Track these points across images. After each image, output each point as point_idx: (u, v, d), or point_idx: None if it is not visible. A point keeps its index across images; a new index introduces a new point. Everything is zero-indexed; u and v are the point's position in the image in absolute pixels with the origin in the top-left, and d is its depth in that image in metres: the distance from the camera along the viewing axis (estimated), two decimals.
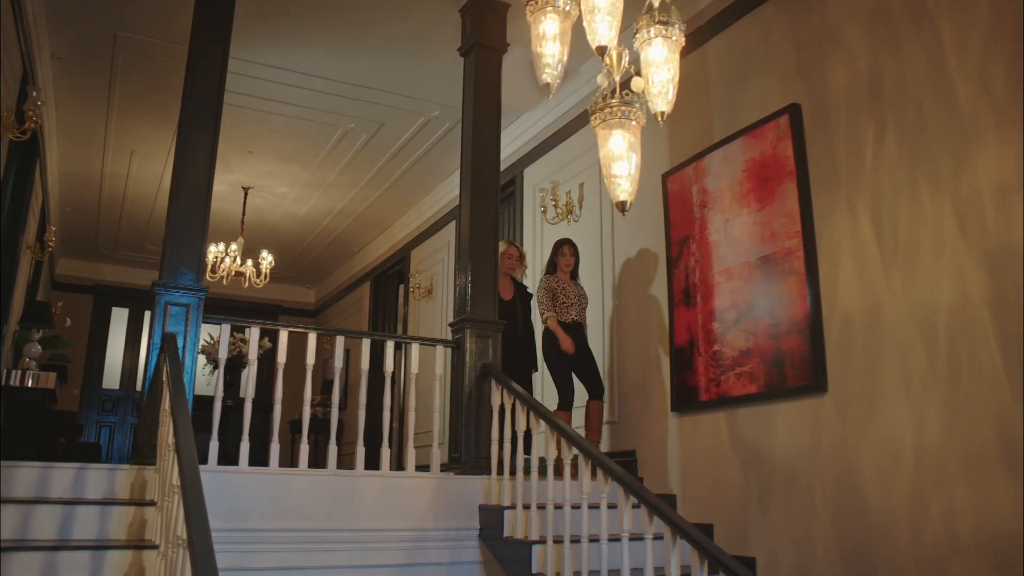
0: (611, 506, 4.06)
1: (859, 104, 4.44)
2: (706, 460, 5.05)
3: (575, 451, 4.18)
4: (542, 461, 5.12)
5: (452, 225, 8.91)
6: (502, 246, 5.89)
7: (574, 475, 4.23)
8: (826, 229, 4.51)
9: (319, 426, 9.90)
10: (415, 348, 5.22)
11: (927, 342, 3.90)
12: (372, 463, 4.91)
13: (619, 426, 5.84)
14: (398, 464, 5.48)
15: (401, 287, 10.97)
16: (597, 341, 6.27)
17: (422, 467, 5.08)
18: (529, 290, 6.42)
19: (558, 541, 4.26)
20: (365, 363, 5.02)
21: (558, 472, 4.73)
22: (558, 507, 4.35)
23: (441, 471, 5.03)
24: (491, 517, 4.78)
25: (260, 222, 10.59)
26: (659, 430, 5.45)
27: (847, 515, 4.15)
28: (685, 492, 5.13)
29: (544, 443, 4.44)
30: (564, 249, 6.00)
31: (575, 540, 4.15)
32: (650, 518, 3.61)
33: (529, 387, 5.92)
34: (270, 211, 10.38)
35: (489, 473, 4.91)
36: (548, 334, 5.79)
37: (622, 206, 3.00)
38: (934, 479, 3.78)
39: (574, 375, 5.82)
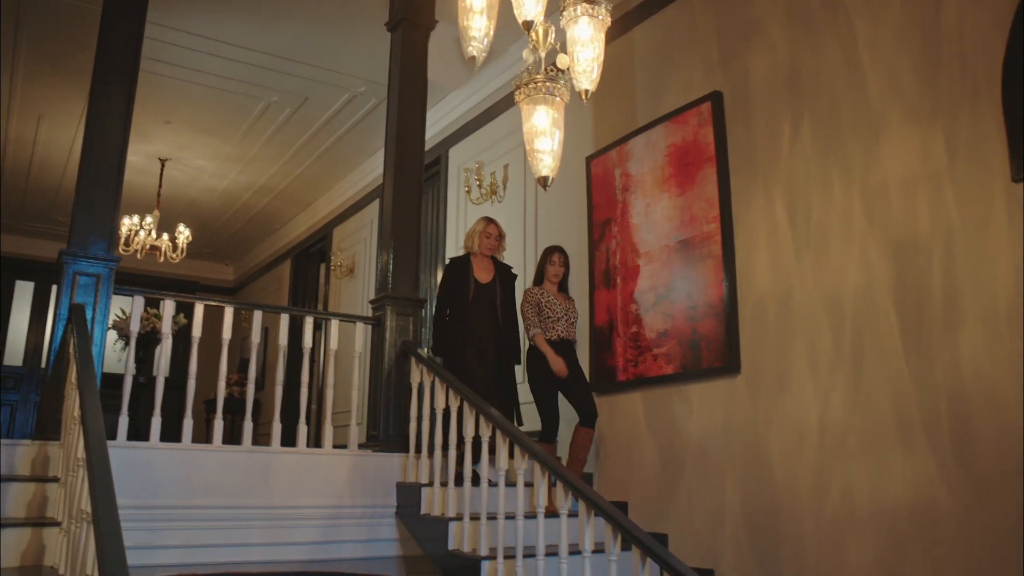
0: (528, 484, 4.10)
1: (778, 94, 4.56)
2: (622, 439, 5.14)
3: (493, 429, 4.21)
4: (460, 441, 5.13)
5: (376, 204, 8.83)
6: (479, 225, 5.45)
7: (493, 456, 4.25)
8: (743, 215, 4.63)
9: (235, 406, 9.72)
10: (335, 325, 5.16)
11: (834, 325, 4.05)
12: (289, 440, 4.85)
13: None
14: (316, 441, 5.41)
15: (323, 266, 10.83)
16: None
17: (340, 445, 5.05)
18: (514, 270, 5.66)
19: (475, 518, 4.29)
20: (284, 339, 4.95)
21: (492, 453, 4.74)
22: (476, 485, 4.39)
23: (359, 448, 5.01)
24: (408, 494, 4.78)
25: (177, 195, 10.29)
26: None
27: (754, 490, 4.29)
28: (602, 471, 5.22)
29: (463, 422, 4.44)
30: (553, 257, 5.31)
31: (492, 517, 4.19)
32: (566, 494, 3.66)
33: (512, 384, 5.26)
34: (188, 184, 10.10)
35: (407, 451, 4.91)
36: (533, 353, 5.13)
37: (544, 181, 3.02)
38: (836, 455, 3.94)
39: (562, 399, 5.15)
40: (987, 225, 3.54)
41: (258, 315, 4.94)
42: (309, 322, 5.04)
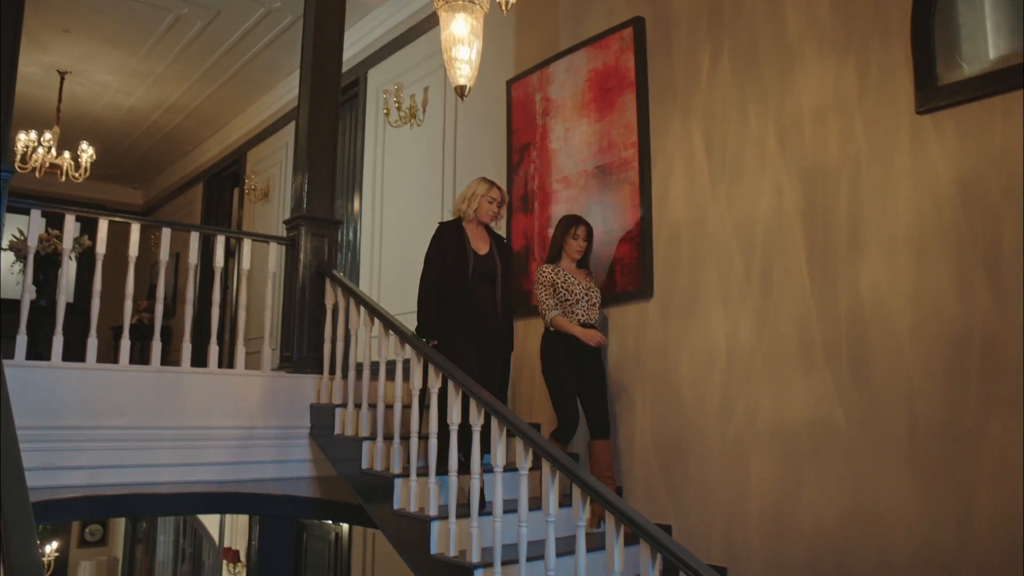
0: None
1: (699, 23, 4.57)
2: (537, 365, 5.20)
3: (409, 349, 4.21)
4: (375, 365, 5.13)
5: (292, 127, 8.57)
6: (481, 187, 4.62)
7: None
8: (661, 142, 4.66)
9: (144, 333, 9.44)
10: (247, 245, 5.05)
11: (744, 252, 4.15)
12: (201, 362, 4.77)
13: None
14: (229, 363, 5.32)
15: (236, 190, 10.52)
16: None
17: (254, 367, 4.98)
18: (507, 242, 5.04)
19: (388, 438, 4.32)
20: (194, 258, 4.82)
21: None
22: (389, 406, 4.40)
23: (272, 370, 4.96)
24: (322, 415, 4.77)
25: (79, 112, 9.79)
26: None
27: (663, 412, 4.43)
28: (516, 395, 5.29)
29: (378, 343, 4.44)
30: (577, 230, 4.61)
31: (405, 437, 4.22)
32: (479, 411, 3.71)
33: (506, 375, 4.65)
34: (91, 101, 9.60)
35: (321, 372, 4.88)
36: (550, 340, 4.52)
37: (461, 90, 2.98)
38: (742, 377, 4.08)
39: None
40: (892, 155, 3.65)
41: (167, 234, 4.79)
42: (220, 241, 4.91)
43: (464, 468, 3.93)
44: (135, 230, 4.66)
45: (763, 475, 3.94)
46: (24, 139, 8.80)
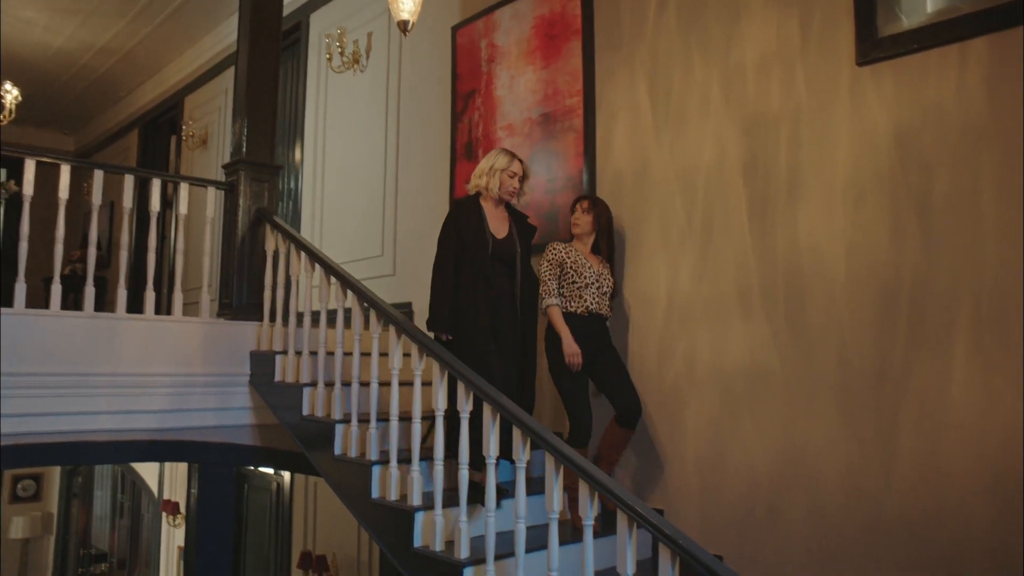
0: (383, 354, 4.11)
1: None
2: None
3: (352, 295, 4.18)
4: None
5: (231, 72, 8.34)
6: (500, 159, 4.14)
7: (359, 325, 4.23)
8: (606, 90, 4.65)
9: (78, 284, 9.20)
10: (184, 189, 4.92)
11: (687, 200, 4.19)
12: (137, 308, 4.67)
13: (397, 278, 5.88)
14: (167, 309, 5.22)
15: (173, 137, 10.23)
16: (377, 196, 6.21)
17: (192, 313, 4.90)
18: (531, 220, 4.41)
19: (329, 385, 4.30)
20: (128, 200, 4.69)
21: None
22: (331, 353, 4.37)
23: (211, 317, 4.88)
24: (262, 363, 4.72)
25: (3, 51, 9.36)
26: None
27: None
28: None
29: (319, 291, 4.39)
30: (581, 205, 4.29)
31: (346, 384, 4.21)
32: (421, 356, 3.70)
33: (532, 374, 4.14)
34: (15, 39, 9.18)
35: (261, 319, 4.82)
36: (553, 331, 4.15)
37: (404, 25, 2.93)
38: (681, 324, 4.14)
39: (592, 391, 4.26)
40: (832, 106, 3.70)
41: (99, 177, 4.64)
42: (156, 185, 4.78)
43: (477, 463, 3.66)
44: (65, 172, 4.51)
45: (700, 419, 4.03)
46: None
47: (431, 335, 3.89)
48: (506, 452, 3.63)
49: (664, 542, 2.70)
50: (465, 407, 3.43)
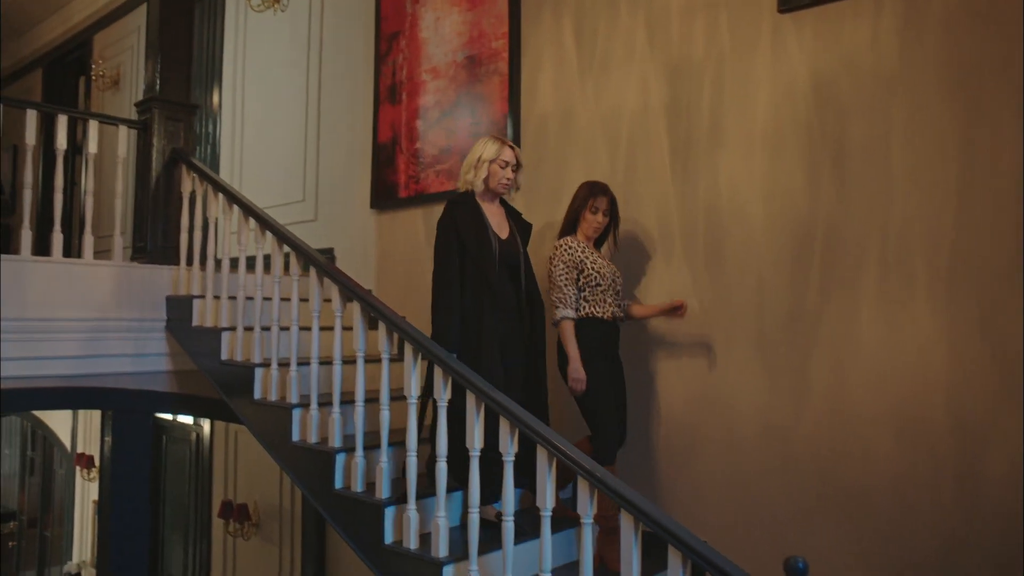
0: (304, 299, 4.06)
1: None
2: (402, 256, 5.18)
3: (271, 237, 4.10)
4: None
5: (143, 8, 7.97)
6: (489, 148, 3.65)
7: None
8: (531, 34, 4.61)
9: None
10: (94, 127, 4.71)
11: (611, 144, 4.21)
12: (44, 251, 4.48)
13: (319, 223, 5.78)
14: (78, 253, 5.02)
15: (83, 78, 9.76)
16: (299, 140, 6.07)
17: (104, 256, 4.74)
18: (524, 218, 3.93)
19: (249, 329, 4.22)
20: (31, 138, 4.47)
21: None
22: (250, 298, 4.29)
23: (125, 261, 4.72)
24: (179, 307, 4.60)
25: None
26: (358, 227, 5.47)
27: None
28: (380, 288, 5.26)
29: (237, 232, 4.29)
30: (598, 202, 3.79)
31: (265, 328, 4.14)
32: (341, 295, 3.66)
33: (543, 387, 3.70)
34: None
35: (177, 263, 4.69)
36: (579, 331, 3.68)
37: None
38: None
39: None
40: (753, 53, 3.74)
41: None
42: (62, 121, 4.57)
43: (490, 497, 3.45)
44: None
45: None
46: None
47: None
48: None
49: None
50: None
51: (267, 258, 4.99)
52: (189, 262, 4.61)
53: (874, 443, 3.30)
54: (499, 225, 3.68)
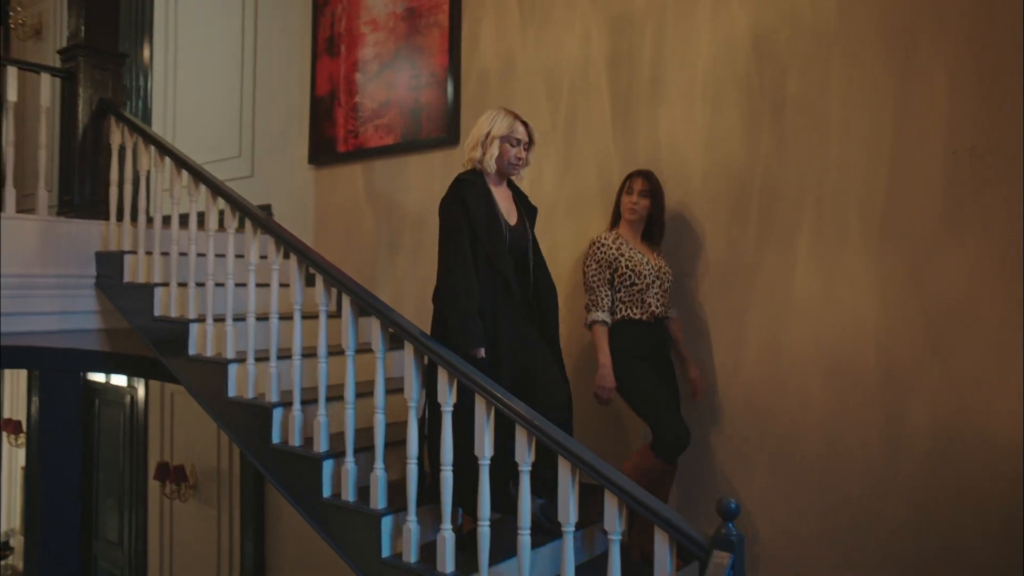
0: (240, 256, 3.97)
1: None
2: (341, 212, 5.10)
3: (204, 190, 3.99)
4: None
5: None
6: (501, 122, 3.25)
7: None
8: None
9: None
10: (14, 74, 4.50)
11: (552, 97, 4.18)
12: None
13: (255, 180, 5.65)
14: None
15: (0, 27, 9.33)
16: (234, 94, 5.90)
17: (28, 210, 4.56)
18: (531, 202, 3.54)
19: (183, 285, 4.12)
20: None
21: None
22: (183, 254, 4.17)
23: (51, 215, 4.55)
24: (109, 263, 4.46)
25: None
26: (296, 183, 5.36)
27: None
28: (319, 245, 5.17)
29: (169, 186, 4.16)
30: (633, 184, 3.52)
31: (200, 284, 4.04)
32: (278, 251, 3.58)
33: (563, 377, 3.24)
34: None
35: (107, 218, 4.54)
36: (616, 330, 3.44)
37: None
38: (545, 221, 4.14)
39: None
40: (694, 5, 3.73)
41: None
42: None
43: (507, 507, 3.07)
44: None
45: (562, 318, 4.08)
46: None
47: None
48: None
49: None
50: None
51: (202, 216, 4.86)
52: (119, 217, 4.47)
53: (807, 391, 3.37)
54: (508, 210, 3.27)
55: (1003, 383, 2.97)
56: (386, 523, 3.10)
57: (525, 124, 3.29)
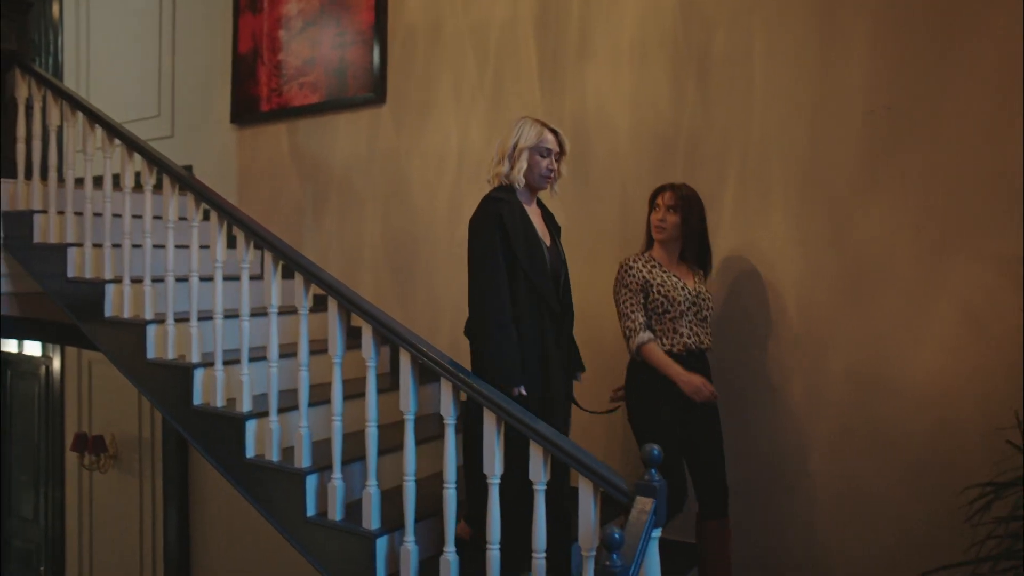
0: (158, 217, 3.83)
1: None
2: (265, 173, 4.98)
3: (119, 145, 3.84)
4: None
5: None
6: (528, 132, 2.96)
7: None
8: None
9: None
10: None
11: (479, 57, 4.13)
12: None
13: (175, 140, 5.47)
14: None
15: None
16: (152, 51, 5.69)
17: None
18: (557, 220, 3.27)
19: (98, 246, 3.96)
20: None
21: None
22: (98, 214, 4.01)
23: None
24: (18, 224, 4.26)
25: None
26: (219, 143, 5.21)
27: (395, 218, 4.43)
28: (242, 206, 5.04)
29: (81, 140, 4.00)
30: (659, 197, 3.12)
31: (116, 244, 3.90)
32: (198, 207, 3.48)
33: (568, 412, 3.04)
34: None
35: (15, 176, 4.33)
36: (642, 372, 3.07)
37: None
38: (470, 181, 4.15)
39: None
40: None
41: None
42: None
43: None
44: None
45: None
46: None
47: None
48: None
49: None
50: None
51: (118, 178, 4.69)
52: (28, 175, 4.27)
53: (728, 344, 3.43)
54: (543, 230, 3.00)
55: (917, 335, 3.07)
56: (311, 482, 3.07)
57: (555, 132, 2.99)
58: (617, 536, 2.10)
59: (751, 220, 3.39)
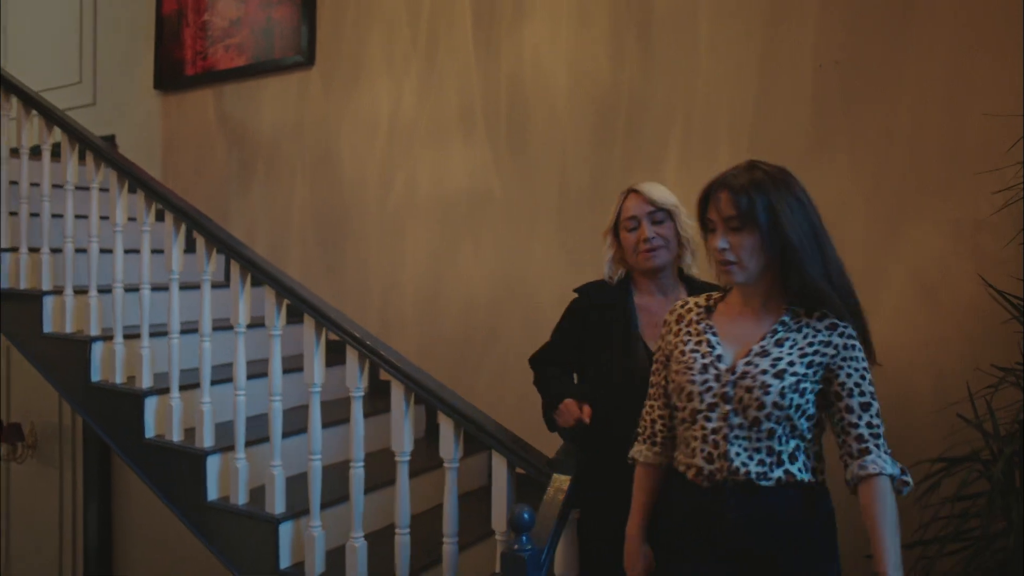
0: (83, 187, 3.52)
1: None
2: (190, 141, 4.69)
3: (37, 117, 3.54)
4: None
5: None
6: (613, 209, 2.33)
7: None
8: None
9: None
10: None
11: (412, 15, 3.89)
12: None
13: (98, 108, 5.16)
14: None
15: None
16: (73, 15, 5.36)
17: None
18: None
19: (35, 251, 3.60)
20: None
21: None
22: (34, 214, 3.67)
23: None
24: None
25: None
26: (142, 111, 4.90)
27: (324, 187, 4.18)
28: (167, 176, 4.75)
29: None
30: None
31: (56, 250, 3.54)
32: (149, 207, 3.15)
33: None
34: None
35: None
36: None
37: None
38: (403, 148, 3.90)
39: None
40: None
41: None
42: None
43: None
44: None
45: (419, 248, 3.86)
46: None
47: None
48: None
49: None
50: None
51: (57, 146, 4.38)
52: None
53: None
54: (648, 325, 2.26)
55: (869, 305, 2.85)
56: (211, 463, 2.82)
57: (638, 192, 2.28)
58: (527, 516, 1.87)
59: (697, 182, 3.16)
